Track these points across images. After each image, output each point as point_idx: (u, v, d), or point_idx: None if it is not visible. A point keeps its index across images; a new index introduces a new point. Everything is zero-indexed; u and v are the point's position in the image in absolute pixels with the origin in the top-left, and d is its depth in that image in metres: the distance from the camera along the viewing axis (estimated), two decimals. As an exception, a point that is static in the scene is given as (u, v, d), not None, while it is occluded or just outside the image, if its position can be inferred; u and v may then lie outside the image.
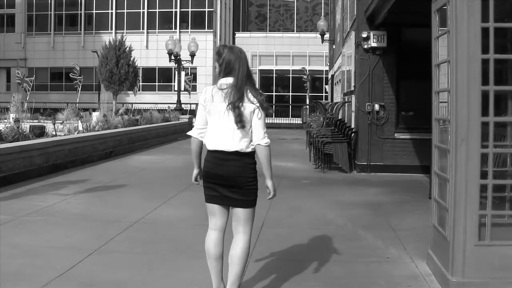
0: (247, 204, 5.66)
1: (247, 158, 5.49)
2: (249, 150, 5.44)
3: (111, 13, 62.33)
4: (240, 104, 5.33)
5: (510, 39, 6.86)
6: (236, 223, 5.62)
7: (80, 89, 35.66)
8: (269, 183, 5.64)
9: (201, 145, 5.72)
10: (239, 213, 5.62)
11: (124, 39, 34.58)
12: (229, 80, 5.51)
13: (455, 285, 5.87)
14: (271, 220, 9.42)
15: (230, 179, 5.51)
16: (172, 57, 33.70)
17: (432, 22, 6.73)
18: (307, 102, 47.09)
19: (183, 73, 37.99)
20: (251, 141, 5.41)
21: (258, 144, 5.39)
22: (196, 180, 5.99)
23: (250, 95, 5.38)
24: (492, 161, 5.93)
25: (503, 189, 6.73)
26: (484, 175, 5.88)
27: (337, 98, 28.61)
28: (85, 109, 26.18)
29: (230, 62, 5.58)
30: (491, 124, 5.84)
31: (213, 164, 5.53)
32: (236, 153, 5.40)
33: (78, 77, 42.54)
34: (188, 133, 5.95)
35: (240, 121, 5.30)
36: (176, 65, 34.76)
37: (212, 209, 5.71)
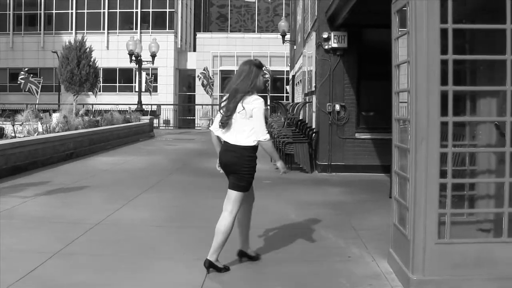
0: (238, 188, 6.82)
1: (246, 152, 6.69)
2: (249, 144, 6.64)
3: (71, 13, 61.82)
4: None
5: (469, 40, 6.96)
6: (226, 202, 6.90)
7: (39, 90, 35.25)
8: (277, 163, 7.09)
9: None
10: (231, 194, 6.87)
11: (84, 40, 34.28)
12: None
13: (416, 283, 5.93)
14: (233, 220, 9.41)
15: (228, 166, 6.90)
16: (133, 58, 33.53)
17: (392, 23, 6.79)
18: (268, 103, 47.13)
19: (144, 73, 37.81)
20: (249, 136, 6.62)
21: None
22: None
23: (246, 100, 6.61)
24: (452, 160, 6.01)
25: (462, 188, 6.84)
26: (443, 174, 5.95)
27: (298, 98, 28.69)
28: (45, 110, 25.95)
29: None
30: (450, 124, 5.91)
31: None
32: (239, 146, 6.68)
33: (37, 79, 42.00)
34: None
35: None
36: (137, 65, 34.58)
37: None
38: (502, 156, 6.21)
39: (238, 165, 6.72)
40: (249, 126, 6.57)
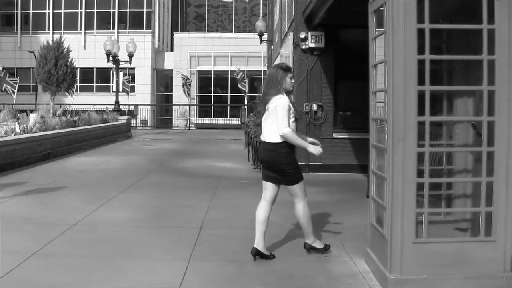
0: (289, 183, 7.40)
1: (279, 148, 7.24)
2: (278, 141, 7.20)
3: (48, 13, 61.33)
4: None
5: (446, 40, 7.00)
6: (293, 197, 7.51)
7: (16, 90, 34.92)
8: (308, 149, 7.35)
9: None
10: (287, 189, 7.48)
11: (62, 40, 34.04)
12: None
13: (393, 282, 5.95)
14: (211, 221, 9.42)
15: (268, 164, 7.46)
16: (110, 58, 33.35)
17: (369, 23, 6.80)
18: (246, 103, 47.11)
19: (121, 73, 37.59)
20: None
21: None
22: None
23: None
24: (429, 160, 6.03)
25: (440, 188, 6.87)
26: (421, 173, 5.98)
27: (276, 98, 28.64)
28: (22, 111, 25.67)
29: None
30: (427, 124, 5.93)
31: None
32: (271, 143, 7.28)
33: (13, 79, 41.65)
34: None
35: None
36: (114, 65, 34.41)
37: (263, 184, 7.63)
38: (478, 156, 6.24)
39: (277, 163, 7.31)
40: (275, 124, 7.12)
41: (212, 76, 60.21)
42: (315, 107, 15.70)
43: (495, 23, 5.87)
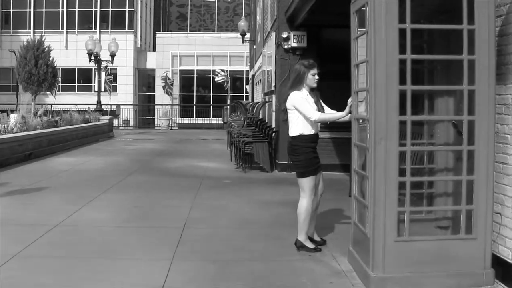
0: (297, 174, 7.63)
1: (293, 141, 7.58)
2: (293, 135, 7.58)
3: (29, 12, 61.01)
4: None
5: (427, 40, 7.05)
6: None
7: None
8: (343, 118, 7.38)
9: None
10: (298, 180, 7.65)
11: (43, 39, 33.89)
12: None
13: (376, 281, 5.99)
14: (194, 220, 9.42)
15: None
16: (92, 57, 33.21)
17: (351, 23, 6.84)
18: (228, 102, 47.10)
19: (103, 73, 37.49)
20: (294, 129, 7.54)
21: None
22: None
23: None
24: (410, 158, 6.07)
25: (421, 186, 6.92)
26: (402, 172, 6.02)
27: (258, 98, 28.71)
28: (3, 111, 25.52)
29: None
30: (409, 123, 5.97)
31: None
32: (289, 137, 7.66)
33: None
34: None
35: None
36: (96, 65, 34.28)
37: None
38: (459, 154, 6.30)
39: (290, 154, 7.71)
40: (294, 118, 7.54)
41: (195, 76, 60.16)
42: (297, 106, 15.70)
43: (475, 24, 5.92)
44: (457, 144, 6.42)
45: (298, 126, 7.51)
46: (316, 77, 7.62)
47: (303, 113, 7.39)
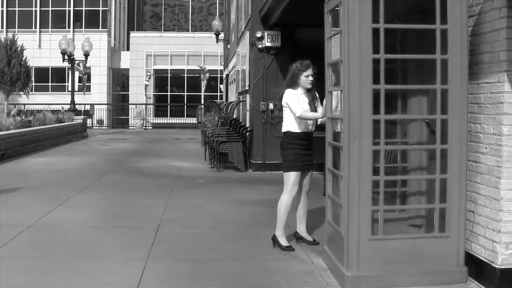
0: (283, 170, 7.82)
1: (283, 137, 7.78)
2: (283, 131, 7.75)
3: (2, 11, 60.41)
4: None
5: (400, 40, 7.09)
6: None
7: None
8: (319, 115, 7.43)
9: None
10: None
11: (16, 38, 33.62)
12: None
13: (350, 279, 6.01)
14: (168, 220, 9.40)
15: None
16: (66, 57, 33.00)
17: (325, 22, 6.86)
18: (202, 102, 47.02)
19: (77, 73, 37.26)
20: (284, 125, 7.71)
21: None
22: None
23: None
24: (384, 157, 6.10)
25: (395, 185, 6.96)
26: (376, 171, 6.04)
27: (232, 97, 28.70)
28: (-26, 111, 25.36)
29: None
30: (382, 122, 6.00)
31: None
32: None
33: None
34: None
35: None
36: (70, 65, 34.07)
37: None
38: (433, 153, 6.34)
39: (280, 149, 7.88)
40: (286, 115, 7.66)
41: (169, 75, 59.94)
42: (271, 106, 15.73)
43: (448, 23, 5.96)
44: (430, 143, 6.46)
45: (287, 123, 7.65)
46: (310, 78, 7.64)
47: (290, 109, 7.50)
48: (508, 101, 5.78)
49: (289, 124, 7.62)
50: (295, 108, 7.43)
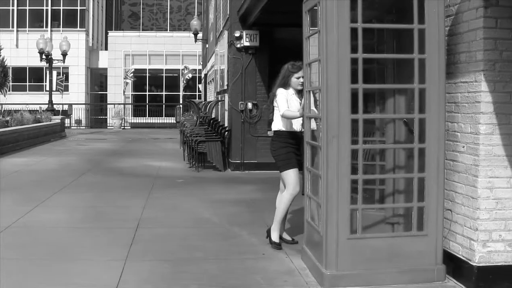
0: (279, 170, 7.73)
1: (273, 136, 7.84)
2: (273, 129, 7.79)
3: (-22, 10, 60.02)
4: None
5: (379, 40, 7.12)
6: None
7: None
8: (297, 115, 7.38)
9: None
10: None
11: (-8, 38, 33.42)
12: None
13: (329, 278, 6.02)
14: (147, 220, 9.38)
15: None
16: (44, 57, 32.81)
17: (304, 22, 6.87)
18: (181, 102, 46.94)
19: (54, 72, 37.07)
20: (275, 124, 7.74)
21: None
22: None
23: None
24: (362, 157, 6.12)
25: (373, 184, 6.99)
26: (355, 170, 6.06)
27: (211, 97, 28.70)
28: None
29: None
30: (361, 121, 6.02)
31: None
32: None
33: None
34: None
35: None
36: (48, 64, 33.87)
37: None
38: (410, 152, 6.37)
39: (270, 150, 7.93)
40: (276, 114, 7.66)
41: (147, 75, 59.77)
42: (250, 105, 15.78)
43: (425, 23, 5.99)
44: (408, 142, 6.49)
45: (277, 122, 7.68)
46: (301, 80, 7.54)
47: (280, 106, 7.49)
48: (485, 100, 5.83)
49: (279, 123, 7.63)
50: (281, 107, 7.43)
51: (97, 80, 62.89)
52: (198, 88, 51.69)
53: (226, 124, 17.07)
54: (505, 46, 5.82)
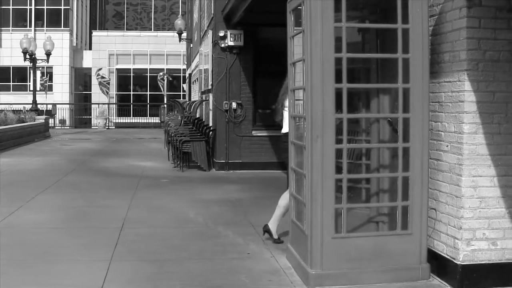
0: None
1: (283, 138, 7.78)
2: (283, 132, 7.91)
3: (-39, 9, 59.66)
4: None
5: (363, 40, 7.14)
6: None
7: None
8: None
9: None
10: None
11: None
12: None
13: (314, 277, 6.03)
14: (132, 220, 9.36)
15: None
16: (27, 56, 32.64)
17: (288, 21, 6.88)
18: (165, 101, 46.86)
19: (38, 72, 36.90)
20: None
21: None
22: None
23: None
24: (347, 156, 6.13)
25: (358, 183, 7.01)
26: (339, 170, 6.07)
27: (195, 97, 28.65)
28: None
29: None
30: (345, 121, 6.03)
31: None
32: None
33: None
34: None
35: None
36: (32, 64, 33.71)
37: None
38: (395, 152, 6.40)
39: (281, 152, 8.09)
40: (286, 116, 7.80)
41: (132, 74, 59.64)
42: (234, 105, 15.77)
43: (409, 23, 6.01)
44: (393, 141, 6.51)
45: (287, 123, 7.66)
46: None
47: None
48: (469, 100, 5.86)
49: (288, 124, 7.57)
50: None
51: (81, 80, 62.68)
52: (183, 87, 51.65)
53: (210, 124, 17.06)
54: (488, 46, 5.85)
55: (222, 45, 15.79)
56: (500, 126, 5.94)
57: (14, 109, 34.26)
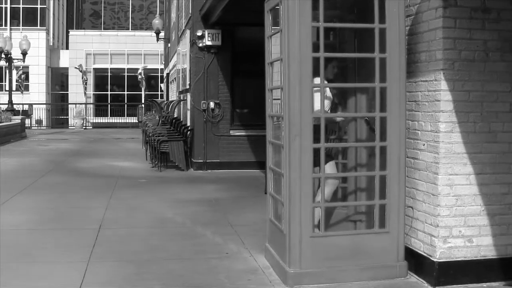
0: None
1: None
2: None
3: None
4: None
5: (341, 40, 7.18)
6: None
7: None
8: None
9: None
10: None
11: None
12: None
13: (293, 276, 6.05)
14: (110, 221, 9.33)
15: None
16: (3, 56, 32.41)
17: (265, 21, 6.89)
18: (143, 101, 46.73)
19: (14, 72, 36.65)
20: None
21: None
22: None
23: None
24: (324, 155, 6.16)
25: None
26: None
27: (173, 96, 28.62)
28: None
29: None
30: (323, 120, 6.06)
31: None
32: None
33: None
34: None
35: None
36: (7, 64, 33.48)
37: None
38: (372, 151, 6.43)
39: None
40: None
41: (109, 74, 59.42)
42: (212, 104, 15.78)
43: (386, 23, 6.05)
44: (370, 140, 6.55)
45: None
46: None
47: None
48: (445, 99, 5.91)
49: None
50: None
51: (58, 79, 62.32)
52: (160, 87, 51.48)
53: (188, 124, 17.04)
54: (464, 45, 5.91)
55: (200, 45, 15.79)
56: (476, 124, 6.00)
57: (-11, 110, 34.00)
